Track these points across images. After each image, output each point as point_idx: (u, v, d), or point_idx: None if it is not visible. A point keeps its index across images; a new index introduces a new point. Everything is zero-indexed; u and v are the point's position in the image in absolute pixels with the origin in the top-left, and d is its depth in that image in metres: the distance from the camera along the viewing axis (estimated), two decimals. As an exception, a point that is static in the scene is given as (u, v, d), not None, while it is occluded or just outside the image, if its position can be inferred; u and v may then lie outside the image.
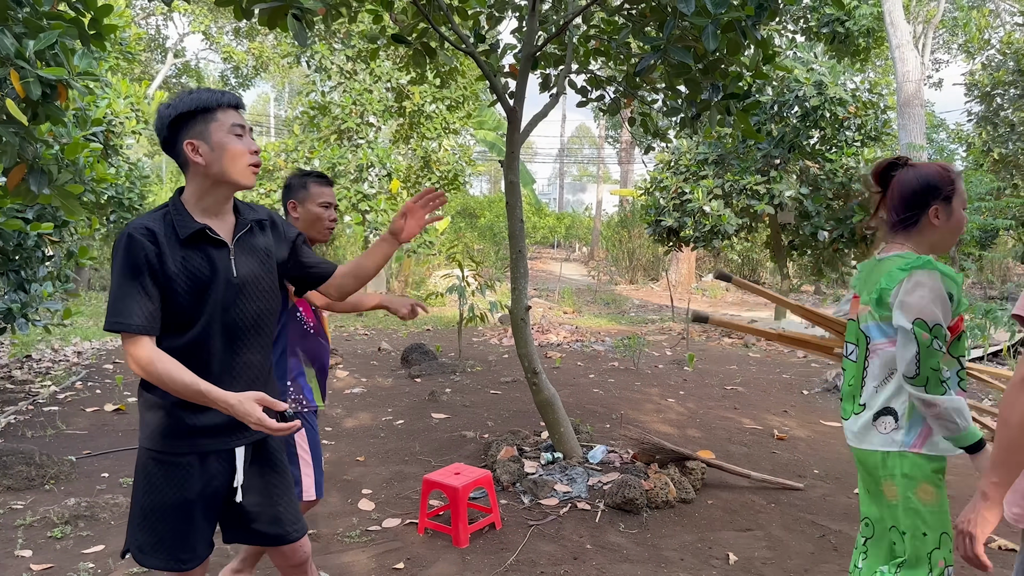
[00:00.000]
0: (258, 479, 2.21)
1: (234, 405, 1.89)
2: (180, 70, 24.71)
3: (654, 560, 3.65)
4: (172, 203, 2.05)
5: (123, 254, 1.93)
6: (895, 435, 2.26)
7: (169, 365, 1.91)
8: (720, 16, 3.84)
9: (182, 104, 2.01)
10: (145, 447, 2.05)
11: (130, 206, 11.82)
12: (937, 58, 28.58)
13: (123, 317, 1.90)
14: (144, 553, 2.07)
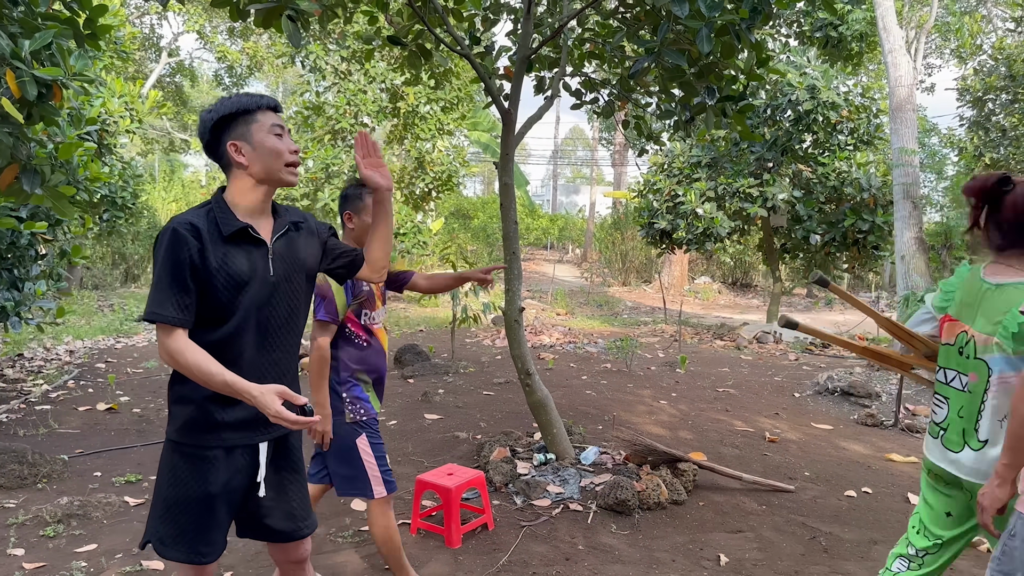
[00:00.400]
0: (276, 475, 2.25)
1: (256, 396, 1.93)
2: (174, 69, 24.64)
3: (646, 561, 3.67)
4: (215, 201, 2.10)
5: (166, 248, 1.97)
6: None
7: (198, 355, 1.96)
8: (714, 19, 3.86)
9: (223, 108, 2.08)
10: (172, 440, 2.09)
11: (123, 205, 11.76)
12: (929, 63, 28.73)
13: (161, 309, 1.96)
14: (165, 545, 2.09)
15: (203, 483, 2.07)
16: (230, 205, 2.10)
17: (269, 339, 2.16)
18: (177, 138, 23.59)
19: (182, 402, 2.08)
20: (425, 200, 15.98)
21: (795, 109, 10.31)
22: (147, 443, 5.56)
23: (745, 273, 24.67)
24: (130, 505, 4.30)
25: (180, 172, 24.39)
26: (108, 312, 13.46)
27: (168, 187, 20.06)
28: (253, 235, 2.09)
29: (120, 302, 14.72)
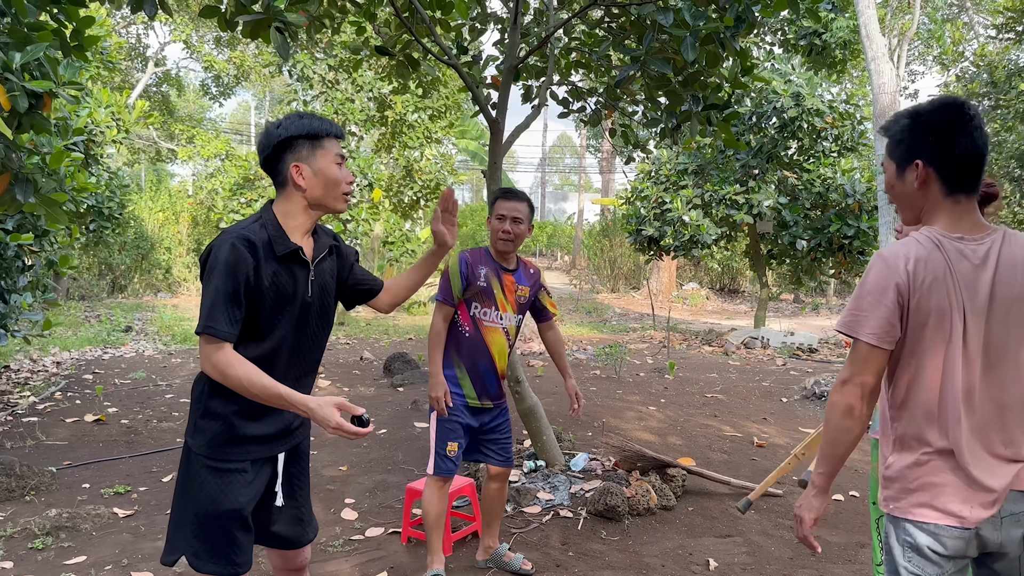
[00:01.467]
0: (288, 483, 2.32)
1: (314, 409, 1.98)
2: (161, 79, 24.58)
3: (636, 567, 3.69)
4: (268, 217, 2.13)
5: (224, 263, 2.00)
6: None
7: (249, 369, 1.99)
8: (699, 28, 3.91)
9: (294, 127, 2.11)
10: (200, 455, 2.12)
11: (109, 215, 11.75)
12: (913, 69, 29.04)
13: (216, 323, 1.98)
14: (201, 559, 2.13)
15: (235, 496, 2.12)
16: (280, 223, 2.14)
17: (297, 356, 2.22)
18: (164, 148, 23.52)
19: (211, 417, 2.11)
20: (413, 208, 15.99)
21: (780, 116, 10.40)
22: (135, 454, 5.54)
23: (732, 279, 24.80)
24: (119, 517, 4.29)
25: (167, 182, 24.35)
26: (95, 323, 13.39)
27: (155, 197, 20.00)
28: (301, 256, 2.15)
29: (107, 312, 14.65)
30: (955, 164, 1.81)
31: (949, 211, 1.84)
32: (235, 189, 14.11)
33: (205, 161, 16.45)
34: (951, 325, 1.77)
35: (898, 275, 1.77)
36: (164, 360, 9.70)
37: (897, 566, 1.86)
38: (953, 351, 1.78)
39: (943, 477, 1.79)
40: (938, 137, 1.82)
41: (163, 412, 6.79)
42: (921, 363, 1.80)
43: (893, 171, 1.93)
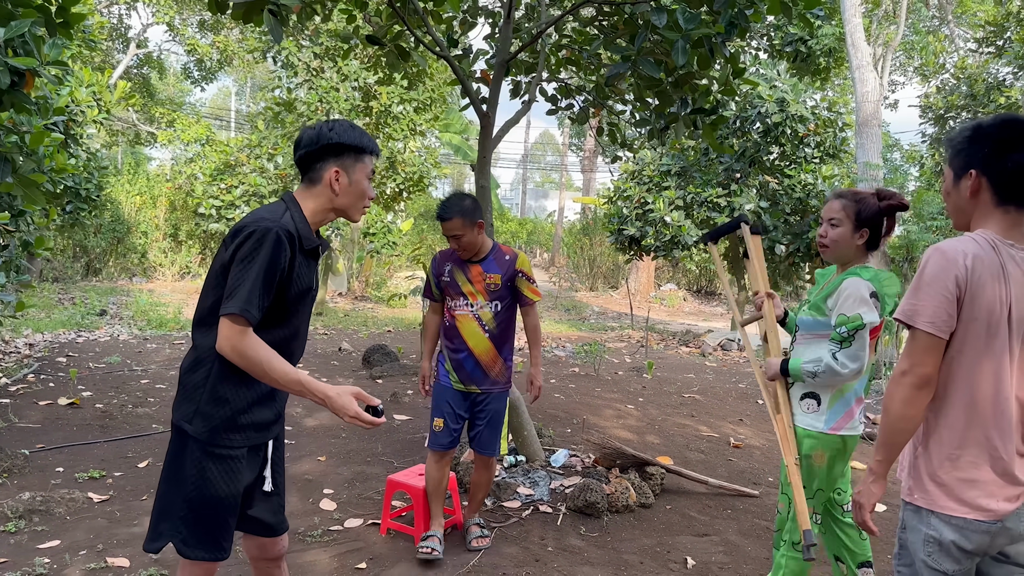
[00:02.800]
0: (273, 468, 2.37)
1: (332, 398, 2.02)
2: (142, 61, 24.23)
3: (614, 563, 3.71)
4: (295, 212, 2.19)
5: (269, 252, 2.04)
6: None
7: (270, 353, 2.03)
8: (691, 32, 3.93)
9: (347, 136, 2.21)
10: (202, 441, 2.12)
11: (87, 197, 11.54)
12: (894, 80, 29.38)
13: (251, 307, 2.01)
14: (189, 546, 2.14)
15: (232, 483, 2.16)
16: (306, 218, 2.23)
17: (297, 344, 2.31)
18: (143, 130, 23.20)
19: (220, 403, 2.13)
20: (396, 200, 15.92)
21: (764, 121, 10.49)
22: (110, 439, 5.47)
23: (710, 281, 24.97)
24: (94, 501, 4.24)
25: (144, 165, 24.01)
26: (69, 305, 13.20)
27: (133, 180, 19.71)
28: (318, 252, 2.27)
29: (82, 296, 14.45)
30: (1008, 176, 1.91)
31: (999, 220, 1.93)
32: (215, 174, 13.96)
33: (185, 145, 16.23)
34: (997, 325, 1.86)
35: (957, 268, 1.84)
36: (139, 345, 9.59)
37: (915, 559, 1.94)
38: (997, 349, 1.86)
39: (975, 473, 1.87)
40: (994, 150, 1.91)
41: (138, 397, 6.70)
42: (964, 359, 1.88)
43: (951, 179, 2.02)
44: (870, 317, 2.71)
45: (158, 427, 5.84)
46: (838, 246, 2.88)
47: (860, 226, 2.85)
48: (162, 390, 7.05)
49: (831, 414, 2.85)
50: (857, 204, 2.86)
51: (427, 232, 25.68)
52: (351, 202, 2.27)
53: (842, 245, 2.87)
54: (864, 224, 2.85)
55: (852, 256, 2.89)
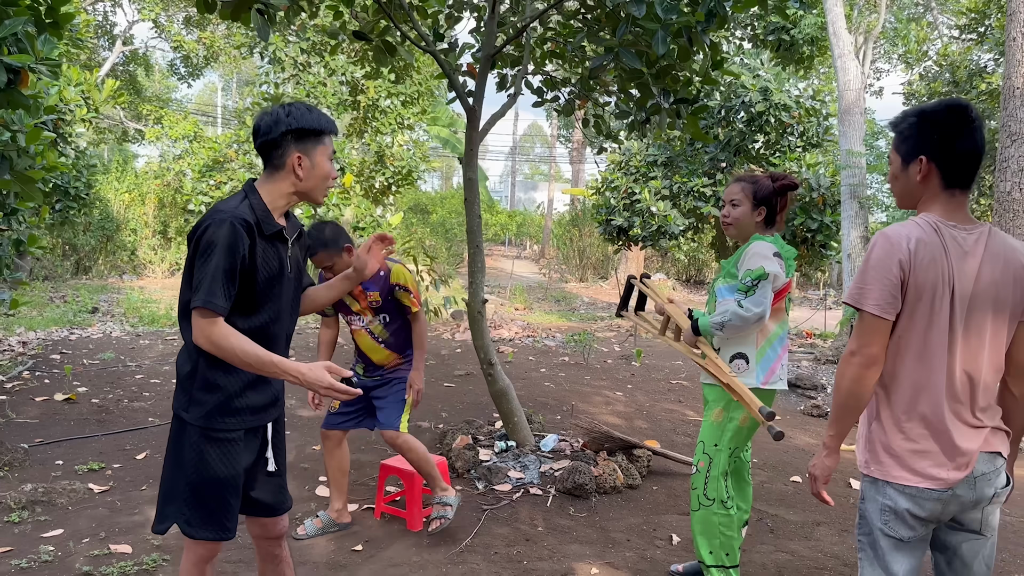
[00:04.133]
0: (273, 450, 2.45)
1: (305, 373, 2.10)
2: (128, 58, 24.15)
3: (602, 541, 3.84)
4: (254, 199, 2.23)
5: (225, 242, 2.09)
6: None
7: (241, 340, 2.10)
8: (670, 22, 4.04)
9: (304, 120, 2.23)
10: (198, 426, 2.22)
11: (76, 195, 11.57)
12: (878, 67, 29.54)
13: (215, 298, 2.08)
14: (193, 526, 2.24)
15: (231, 464, 2.25)
16: (266, 204, 2.26)
17: (279, 328, 2.35)
18: (131, 128, 23.15)
19: (212, 390, 2.22)
20: (384, 194, 15.98)
21: (748, 111, 10.61)
22: (108, 433, 5.56)
23: (698, 271, 25.13)
24: (94, 492, 4.33)
25: (132, 162, 23.95)
26: (60, 303, 13.22)
27: (121, 177, 19.68)
28: (284, 235, 2.29)
29: (73, 293, 14.47)
30: (955, 161, 2.01)
31: (945, 203, 2.04)
32: (204, 171, 13.99)
33: (173, 142, 16.23)
34: (940, 303, 1.97)
35: (900, 252, 1.95)
36: (132, 341, 9.65)
37: (872, 528, 2.07)
38: (940, 327, 1.97)
39: (925, 444, 1.99)
40: (942, 136, 2.01)
41: (134, 392, 6.79)
42: (910, 336, 2.00)
43: (898, 164, 2.12)
44: (772, 268, 2.96)
45: (155, 420, 5.93)
46: (739, 223, 3.22)
47: (758, 204, 3.19)
48: (156, 385, 7.14)
49: (759, 370, 3.10)
50: (754, 185, 3.20)
51: (416, 225, 25.74)
52: (315, 184, 2.29)
53: (743, 222, 3.21)
54: (761, 203, 3.18)
55: (753, 232, 3.19)
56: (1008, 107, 7.16)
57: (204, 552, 2.33)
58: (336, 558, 3.59)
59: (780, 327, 3.16)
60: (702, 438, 3.23)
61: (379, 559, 3.59)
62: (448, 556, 3.63)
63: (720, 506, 3.13)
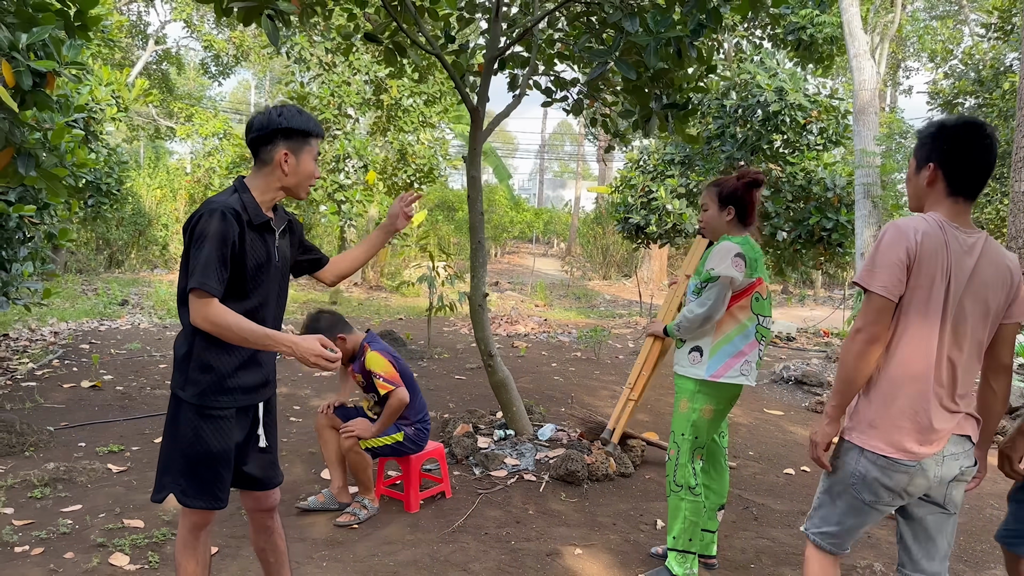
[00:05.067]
0: (265, 429, 2.65)
1: (298, 343, 2.31)
2: (161, 57, 24.72)
3: (589, 524, 4.01)
4: (243, 191, 2.45)
5: (216, 229, 2.30)
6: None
7: (237, 317, 2.31)
8: (662, 34, 4.17)
9: (294, 121, 2.45)
10: (193, 404, 2.42)
11: (108, 191, 11.97)
12: (908, 65, 29.20)
13: (209, 280, 2.28)
14: (188, 496, 2.45)
15: (223, 440, 2.46)
16: (255, 197, 2.47)
17: (269, 313, 2.55)
18: (163, 125, 23.70)
19: (206, 370, 2.42)
20: (407, 191, 16.24)
21: (764, 110, 10.66)
22: (129, 418, 5.83)
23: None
24: (112, 472, 4.59)
25: (165, 159, 24.52)
26: (92, 296, 13.66)
27: (153, 174, 20.20)
28: (271, 226, 2.50)
29: (104, 286, 14.91)
30: (961, 171, 2.22)
31: (949, 208, 2.24)
32: (231, 167, 14.35)
33: (203, 139, 16.64)
34: (937, 294, 2.16)
35: (908, 241, 2.14)
36: (159, 333, 9.98)
37: (840, 483, 2.31)
38: (934, 316, 2.17)
39: (904, 421, 2.19)
40: (952, 147, 2.22)
41: (156, 380, 7.07)
42: (907, 321, 2.19)
43: (913, 167, 2.34)
44: (725, 271, 3.11)
45: (174, 407, 6.19)
46: (711, 225, 3.39)
47: (724, 204, 3.32)
48: (179, 374, 7.41)
49: (711, 363, 3.23)
50: (718, 187, 3.36)
51: (442, 223, 26.00)
52: (298, 181, 2.50)
53: (714, 223, 3.37)
54: (727, 202, 3.32)
55: (726, 231, 3.33)
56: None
57: (198, 520, 2.54)
58: (333, 535, 3.79)
59: (741, 325, 3.27)
60: (672, 427, 3.39)
61: (374, 537, 3.78)
62: (440, 535, 3.81)
63: (688, 492, 3.28)
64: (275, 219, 2.54)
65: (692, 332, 3.24)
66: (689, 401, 3.30)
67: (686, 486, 3.29)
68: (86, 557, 3.41)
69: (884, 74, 17.93)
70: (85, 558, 3.40)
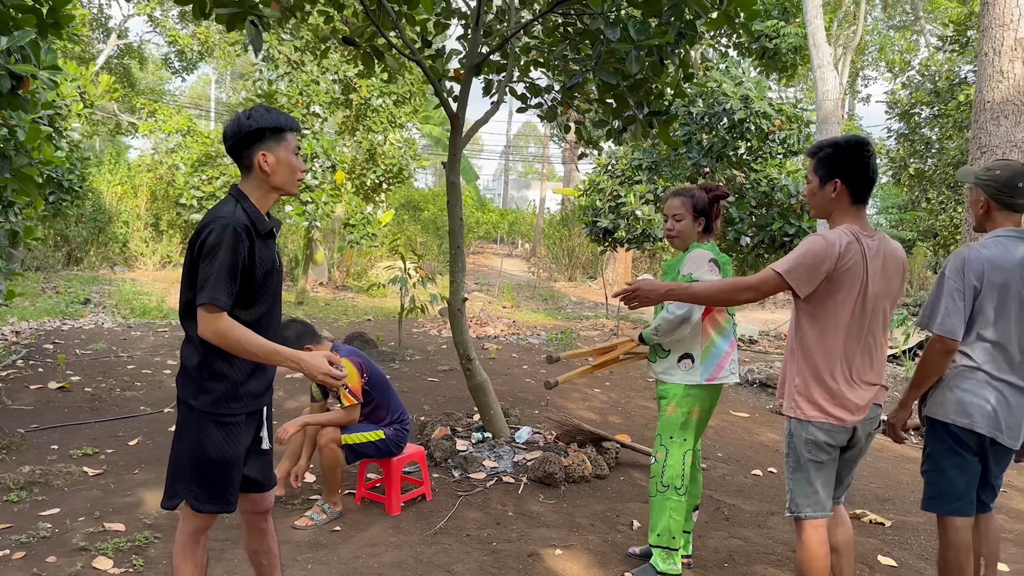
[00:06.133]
0: (267, 431, 2.71)
1: (305, 359, 2.38)
2: (122, 51, 24.27)
3: (567, 525, 4.10)
4: (245, 202, 2.48)
5: (228, 246, 2.34)
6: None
7: (244, 331, 2.36)
8: (642, 43, 4.29)
9: (263, 120, 2.46)
10: (207, 412, 2.47)
11: (69, 187, 11.75)
12: (866, 74, 29.92)
13: (219, 295, 2.32)
14: (201, 501, 2.50)
15: (234, 444, 2.51)
16: (255, 205, 2.51)
17: (273, 318, 2.61)
18: (124, 121, 23.29)
19: (219, 379, 2.47)
20: (375, 192, 16.20)
21: (730, 118, 10.88)
22: (101, 420, 5.78)
23: (686, 272, 25.40)
24: (88, 475, 4.56)
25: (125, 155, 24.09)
26: (52, 294, 13.41)
27: (114, 170, 19.84)
28: (273, 232, 2.55)
29: (65, 284, 14.65)
30: (861, 183, 2.68)
31: (854, 215, 2.70)
32: (196, 166, 14.18)
33: (166, 136, 16.40)
34: (855, 294, 2.62)
35: (834, 249, 2.57)
36: (124, 333, 9.86)
37: (800, 457, 2.76)
38: (853, 312, 2.63)
39: (835, 396, 2.67)
40: (851, 163, 2.67)
41: (126, 382, 7.01)
42: (833, 314, 2.64)
43: (816, 183, 2.75)
44: (702, 275, 3.30)
45: (146, 409, 6.15)
46: (684, 235, 3.53)
47: (697, 216, 3.51)
48: (148, 375, 7.35)
49: (704, 368, 3.39)
50: (692, 199, 3.52)
51: (408, 223, 25.96)
52: (284, 178, 2.52)
53: (687, 233, 3.53)
54: (700, 214, 3.51)
55: (695, 240, 3.53)
56: (979, 120, 7.43)
57: (201, 524, 2.58)
58: (317, 538, 3.83)
59: (721, 328, 3.45)
60: (659, 431, 3.51)
61: (357, 539, 3.83)
62: (422, 537, 3.88)
63: (674, 493, 3.40)
64: (270, 221, 2.58)
65: (669, 334, 3.38)
66: (678, 405, 3.42)
67: (672, 487, 3.41)
68: (69, 561, 3.41)
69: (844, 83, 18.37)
70: (68, 562, 3.40)
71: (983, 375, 2.87)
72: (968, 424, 2.86)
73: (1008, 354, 2.87)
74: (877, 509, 4.66)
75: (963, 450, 2.90)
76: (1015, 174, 2.89)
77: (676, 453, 3.43)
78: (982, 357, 2.88)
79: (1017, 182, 2.89)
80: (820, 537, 2.74)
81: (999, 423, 2.84)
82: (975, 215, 3.05)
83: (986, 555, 3.11)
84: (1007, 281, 2.84)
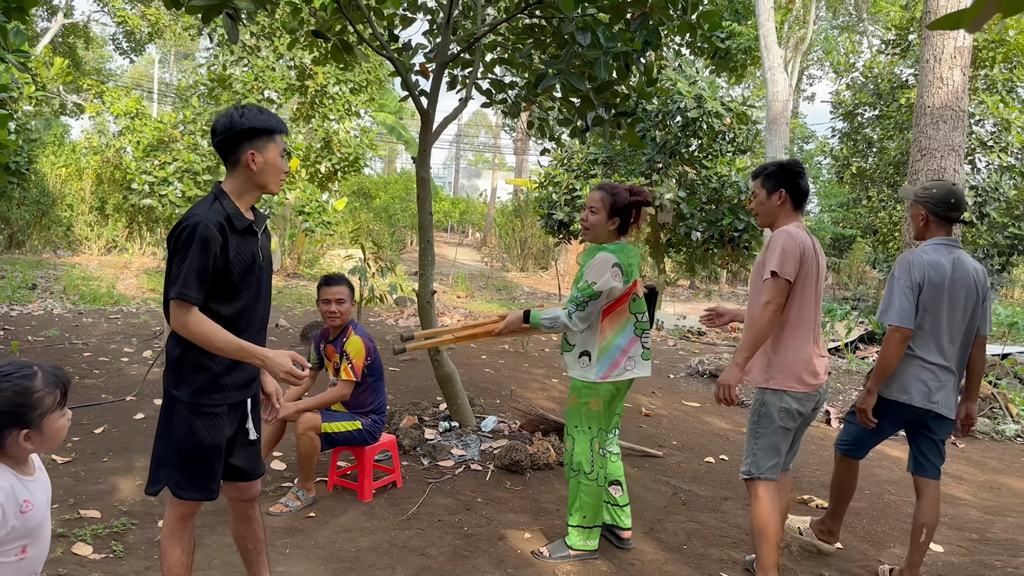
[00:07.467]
0: (252, 422, 2.79)
1: (269, 358, 2.45)
2: (67, 30, 23.55)
3: (534, 510, 4.29)
4: (223, 198, 2.54)
5: (198, 243, 2.40)
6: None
7: (213, 327, 2.43)
8: (611, 49, 4.47)
9: (256, 121, 2.53)
10: (188, 402, 2.55)
11: (16, 170, 11.50)
12: (811, 73, 30.73)
13: (188, 290, 2.40)
14: (183, 488, 2.58)
15: (216, 434, 2.59)
16: (235, 201, 2.57)
17: (260, 313, 2.69)
18: (69, 102, 22.64)
19: (199, 370, 2.55)
20: (330, 180, 16.14)
21: (684, 116, 11.19)
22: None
23: (636, 263, 25.87)
24: (58, 463, 4.58)
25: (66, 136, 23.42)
26: (-4, 279, 13.07)
27: (58, 151, 19.31)
28: (253, 228, 2.60)
29: (10, 268, 14.27)
30: (800, 194, 3.34)
31: (796, 219, 3.35)
32: (148, 151, 13.95)
33: (114, 118, 16.04)
34: (812, 280, 3.22)
35: (801, 243, 3.18)
36: (75, 319, 9.72)
37: (772, 422, 3.25)
38: (811, 295, 3.22)
39: (804, 366, 3.22)
40: (793, 178, 3.32)
41: (84, 369, 6.96)
42: (800, 300, 3.20)
43: (764, 194, 3.36)
44: (604, 285, 3.35)
45: (108, 397, 6.14)
46: (595, 229, 3.52)
47: (613, 215, 3.48)
48: (106, 363, 7.31)
49: (599, 367, 3.49)
50: (612, 196, 3.49)
51: (360, 210, 25.84)
52: (269, 179, 2.59)
53: (598, 229, 3.52)
54: (616, 213, 3.48)
55: (606, 238, 3.54)
56: (920, 124, 7.82)
57: (186, 510, 2.68)
58: (292, 524, 3.94)
59: (620, 327, 3.53)
60: (566, 421, 3.70)
61: (332, 525, 3.96)
62: (396, 523, 4.02)
63: (584, 476, 3.61)
64: (255, 220, 2.66)
65: (552, 332, 3.60)
66: (577, 397, 3.57)
67: (582, 471, 3.59)
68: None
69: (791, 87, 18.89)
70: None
71: (918, 360, 3.43)
72: (907, 400, 3.44)
73: (939, 341, 3.43)
74: (823, 495, 4.96)
75: (891, 423, 3.59)
76: (948, 192, 3.46)
77: (582, 441, 3.58)
78: (918, 344, 3.43)
79: (950, 199, 3.46)
80: (772, 495, 3.26)
81: (932, 396, 3.42)
82: (916, 227, 3.62)
83: (928, 524, 3.49)
84: (942, 281, 3.40)
